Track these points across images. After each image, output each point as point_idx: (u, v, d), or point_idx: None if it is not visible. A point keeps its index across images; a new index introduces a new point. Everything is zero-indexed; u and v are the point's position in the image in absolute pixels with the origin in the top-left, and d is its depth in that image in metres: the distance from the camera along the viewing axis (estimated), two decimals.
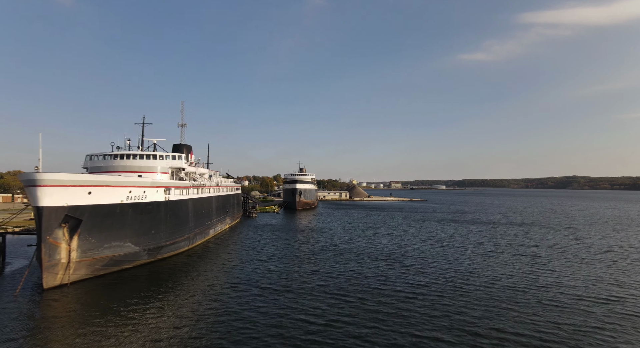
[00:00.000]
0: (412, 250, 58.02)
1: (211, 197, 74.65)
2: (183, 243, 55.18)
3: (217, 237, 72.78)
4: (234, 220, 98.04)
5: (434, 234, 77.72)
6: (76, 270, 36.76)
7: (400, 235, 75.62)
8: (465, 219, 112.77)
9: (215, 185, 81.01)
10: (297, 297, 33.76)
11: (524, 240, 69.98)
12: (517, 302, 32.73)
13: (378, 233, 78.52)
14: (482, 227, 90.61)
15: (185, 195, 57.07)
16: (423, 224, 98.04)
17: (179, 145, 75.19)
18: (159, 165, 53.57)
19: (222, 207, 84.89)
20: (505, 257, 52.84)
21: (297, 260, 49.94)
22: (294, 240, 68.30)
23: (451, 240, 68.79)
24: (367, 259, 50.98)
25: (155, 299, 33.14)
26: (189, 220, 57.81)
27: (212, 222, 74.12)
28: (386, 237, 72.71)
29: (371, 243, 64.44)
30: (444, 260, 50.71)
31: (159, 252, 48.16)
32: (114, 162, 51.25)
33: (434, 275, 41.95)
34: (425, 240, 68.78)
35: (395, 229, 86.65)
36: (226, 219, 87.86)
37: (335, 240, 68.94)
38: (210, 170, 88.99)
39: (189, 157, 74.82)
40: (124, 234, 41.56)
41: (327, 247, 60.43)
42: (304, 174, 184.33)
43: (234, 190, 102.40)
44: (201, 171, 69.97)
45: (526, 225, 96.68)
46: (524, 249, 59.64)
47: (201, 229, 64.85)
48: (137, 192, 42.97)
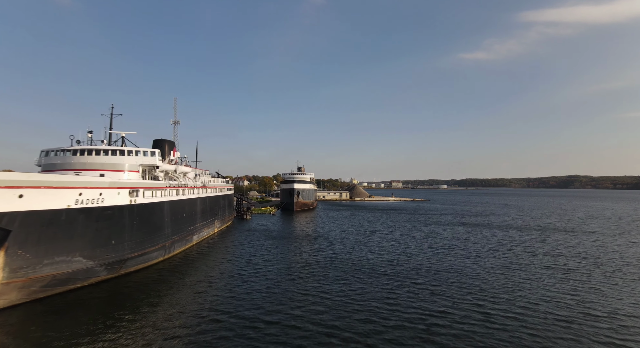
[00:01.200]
0: (421, 262, 50.15)
1: (195, 198, 66.85)
2: (156, 253, 47.37)
3: (202, 244, 64.96)
4: (224, 224, 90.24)
5: (443, 240, 69.84)
6: (3, 295, 28.95)
7: (406, 242, 67.75)
8: (474, 222, 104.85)
9: (202, 186, 73.19)
10: (281, 334, 25.91)
11: (546, 247, 62.06)
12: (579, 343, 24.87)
13: (381, 240, 70.66)
14: (494, 232, 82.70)
15: (160, 197, 49.25)
16: (429, 228, 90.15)
17: (159, 140, 67.25)
18: (126, 163, 45.70)
19: (210, 209, 77.09)
20: (533, 271, 44.95)
21: (287, 277, 42.05)
22: (287, 250, 60.43)
23: (464, 248, 60.90)
24: (370, 274, 43.07)
25: (107, 329, 25.47)
26: (164, 226, 50.00)
27: (197, 226, 66.33)
28: (391, 245, 64.83)
29: (374, 253, 56.56)
30: (461, 275, 42.82)
31: (123, 265, 40.34)
32: (72, 158, 43.37)
33: (454, 298, 34.05)
34: (435, 248, 60.90)
35: (400, 234, 78.78)
36: (214, 223, 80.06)
37: (334, 248, 61.08)
38: (198, 169, 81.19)
39: (171, 154, 67.18)
40: (72, 247, 33.73)
41: (324, 258, 52.57)
42: (302, 173, 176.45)
43: (224, 190, 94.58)
44: (183, 170, 62.15)
45: (542, 229, 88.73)
46: (551, 260, 51.74)
47: (182, 236, 57.06)
48: (90, 195, 35.11)
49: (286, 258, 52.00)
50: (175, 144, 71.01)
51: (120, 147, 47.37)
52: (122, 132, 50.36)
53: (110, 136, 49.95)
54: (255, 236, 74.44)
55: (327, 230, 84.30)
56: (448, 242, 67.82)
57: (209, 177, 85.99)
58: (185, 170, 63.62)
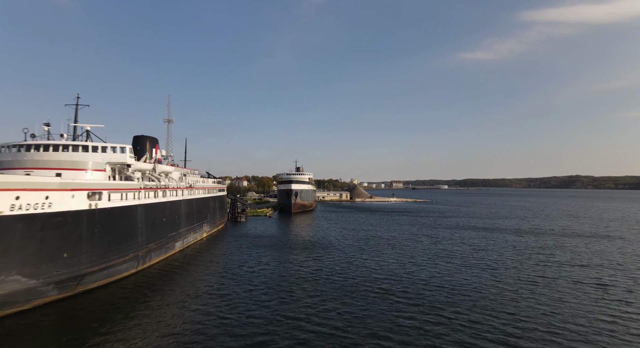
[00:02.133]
0: (431, 275, 43.74)
1: (179, 201, 60.52)
2: (126, 265, 41.02)
3: (186, 252, 58.61)
4: (214, 228, 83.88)
5: (452, 247, 63.42)
6: None
7: (411, 250, 61.33)
8: (482, 225, 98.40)
9: (188, 187, 66.86)
10: None
11: (568, 256, 55.65)
12: None
13: (384, 247, 64.28)
14: (506, 237, 76.27)
15: (131, 200, 42.91)
16: (435, 232, 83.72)
17: (140, 137, 60.99)
18: (90, 160, 39.34)
19: (198, 212, 70.75)
20: (563, 288, 38.51)
21: (276, 295, 35.68)
22: (279, 260, 54.07)
23: (477, 257, 54.49)
24: (373, 293, 36.66)
25: None
26: (137, 234, 43.66)
27: (181, 232, 60.00)
28: (395, 253, 58.44)
29: (378, 264, 50.15)
30: (481, 293, 36.41)
31: (80, 282, 33.99)
32: (24, 155, 36.98)
33: (480, 327, 27.64)
34: (444, 257, 54.50)
35: (404, 240, 72.38)
36: (203, 227, 73.72)
37: (333, 257, 54.71)
38: (185, 169, 74.88)
39: (153, 152, 60.93)
40: (6, 263, 27.38)
41: (320, 271, 46.20)
42: (300, 173, 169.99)
43: (215, 191, 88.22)
44: (164, 169, 55.86)
45: (557, 233, 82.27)
46: (580, 272, 45.34)
47: (161, 243, 50.73)
48: (31, 198, 28.75)
49: (277, 272, 45.59)
50: (159, 141, 64.75)
51: (84, 142, 40.97)
52: (87, 125, 43.87)
53: (74, 130, 43.54)
54: (246, 242, 68.06)
55: (326, 235, 77.92)
56: (458, 249, 61.39)
57: (198, 177, 79.69)
58: (167, 169, 57.30)
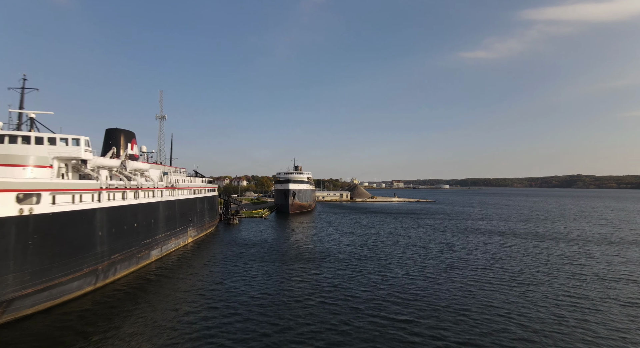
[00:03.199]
0: (447, 294, 36.33)
1: (156, 202, 53.14)
2: (79, 282, 33.63)
3: (165, 261, 51.25)
4: (202, 232, 76.51)
5: (467, 255, 56.01)
6: None
7: (421, 259, 53.93)
8: (494, 228, 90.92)
9: (169, 186, 59.50)
10: None
11: (602, 268, 48.17)
12: None
13: (389, 255, 56.92)
14: (524, 243, 68.84)
15: (87, 204, 35.50)
16: (444, 237, 76.29)
17: (113, 130, 53.72)
18: (31, 154, 32.02)
19: (181, 215, 63.39)
20: (615, 314, 31.09)
21: (257, 328, 28.25)
22: (268, 273, 46.71)
23: (499, 269, 47.09)
24: (381, 321, 29.22)
25: None
26: (95, 243, 36.26)
27: (158, 238, 52.65)
28: (403, 264, 51.05)
29: (385, 278, 42.72)
30: (513, 321, 28.96)
31: (6, 309, 26.60)
32: None
33: None
34: (461, 269, 47.11)
35: (410, 246, 64.98)
36: (188, 232, 66.35)
37: (332, 269, 47.35)
38: (167, 167, 67.46)
39: (128, 147, 53.64)
40: None
41: (316, 289, 38.84)
42: (299, 173, 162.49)
43: (203, 192, 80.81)
44: (136, 166, 48.55)
45: (578, 238, 74.79)
46: (627, 290, 37.90)
47: (130, 253, 43.36)
48: None
49: (264, 289, 38.18)
50: (135, 135, 57.37)
51: (25, 132, 33.53)
52: (32, 112, 36.26)
53: (19, 118, 35.99)
54: (234, 250, 60.64)
55: (324, 241, 70.50)
56: (474, 258, 53.97)
57: (183, 176, 72.28)
58: (141, 166, 49.94)
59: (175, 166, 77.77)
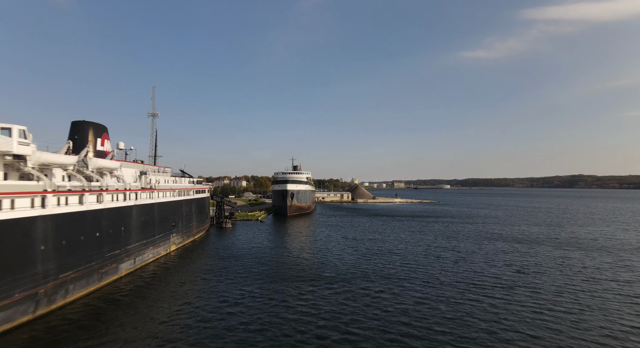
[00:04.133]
0: (475, 319, 28.86)
1: (129, 206, 45.76)
2: (8, 312, 26.22)
3: (137, 276, 43.91)
4: (189, 238, 69.13)
5: (488, 268, 48.62)
6: None
7: (435, 273, 46.50)
8: (509, 233, 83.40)
9: (146, 188, 52.15)
10: None
11: None
12: None
13: (399, 268, 49.56)
14: (549, 252, 61.37)
15: (23, 211, 28.11)
16: (457, 245, 68.83)
17: (80, 123, 46.35)
18: None
19: (162, 220, 56.03)
20: None
21: None
22: (255, 295, 39.34)
23: (531, 288, 39.66)
24: None
25: None
26: (35, 260, 28.87)
27: (131, 248, 45.30)
28: (416, 279, 43.62)
29: (395, 299, 35.31)
30: None
31: None
32: None
33: None
34: (485, 288, 39.68)
35: (421, 256, 57.58)
36: (170, 239, 58.97)
37: (332, 288, 39.93)
38: (147, 165, 60.02)
39: (98, 143, 46.43)
40: None
41: (312, 318, 31.40)
42: (297, 172, 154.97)
43: (191, 193, 73.40)
44: (101, 164, 41.19)
45: (608, 247, 67.26)
46: None
47: (89, 268, 35.99)
48: None
49: (246, 320, 30.77)
50: (108, 130, 50.02)
51: None
52: None
53: None
54: (219, 263, 53.26)
55: (324, 249, 63.07)
56: (496, 272, 46.52)
57: (167, 176, 64.82)
58: (106, 165, 42.51)
59: (160, 165, 70.47)
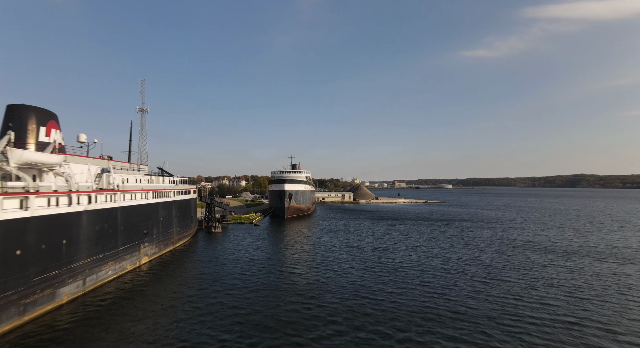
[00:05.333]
0: None
1: (74, 213, 36.01)
2: None
3: (88, 299, 34.24)
4: (167, 247, 59.39)
5: (527, 289, 38.86)
6: None
7: (465, 297, 36.65)
8: (535, 240, 73.57)
9: (105, 189, 42.39)
10: None
11: None
12: None
13: (417, 285, 39.67)
14: (598, 267, 51.61)
15: None
16: (479, 255, 59.11)
17: (17, 106, 36.64)
18: None
19: (128, 228, 46.32)
20: None
21: None
22: (232, 332, 29.60)
23: (594, 321, 29.87)
24: None
25: None
26: None
27: (77, 266, 35.59)
28: (442, 307, 33.77)
29: (420, 344, 25.53)
30: None
31: None
32: None
33: None
34: (537, 322, 29.88)
35: (441, 273, 47.81)
36: (140, 250, 49.25)
37: (335, 324, 30.15)
38: (110, 160, 50.19)
39: (40, 133, 36.80)
40: None
41: None
42: (296, 171, 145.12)
43: (172, 195, 63.57)
44: (33, 158, 31.54)
45: None
46: None
47: (5, 299, 26.27)
48: None
49: None
50: (57, 117, 40.26)
51: None
52: None
53: None
54: (197, 280, 43.52)
55: (324, 261, 53.31)
56: (540, 294, 36.71)
57: (140, 174, 54.96)
58: (40, 159, 32.77)
59: (134, 162, 60.69)
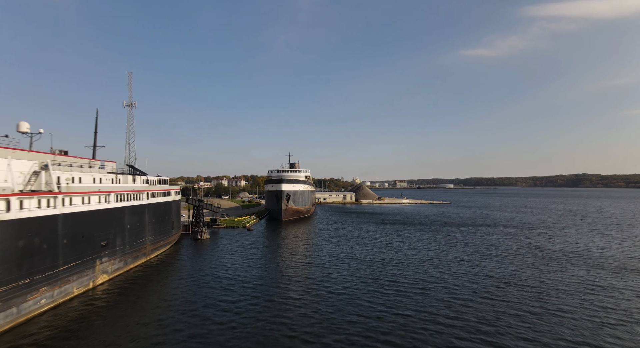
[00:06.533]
0: None
1: None
2: None
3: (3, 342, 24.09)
4: (137, 260, 49.26)
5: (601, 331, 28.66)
6: None
7: (511, 326, 26.39)
8: (574, 250, 63.52)
9: (36, 192, 32.24)
10: None
11: None
12: None
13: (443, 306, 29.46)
14: None
15: None
16: (513, 272, 49.12)
17: None
18: None
19: (75, 241, 36.17)
20: None
21: None
22: None
23: None
24: None
25: None
26: None
27: None
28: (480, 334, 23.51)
29: None
30: None
31: None
32: None
33: None
34: None
35: (471, 293, 37.56)
36: (95, 267, 39.08)
37: None
38: (58, 155, 39.95)
39: None
40: None
41: None
42: (295, 171, 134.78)
43: (144, 197, 53.33)
44: None
45: None
46: None
47: None
48: None
49: None
50: None
51: None
52: None
53: None
54: (165, 310, 33.33)
55: (324, 278, 43.07)
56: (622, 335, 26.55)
57: (99, 173, 44.61)
58: None
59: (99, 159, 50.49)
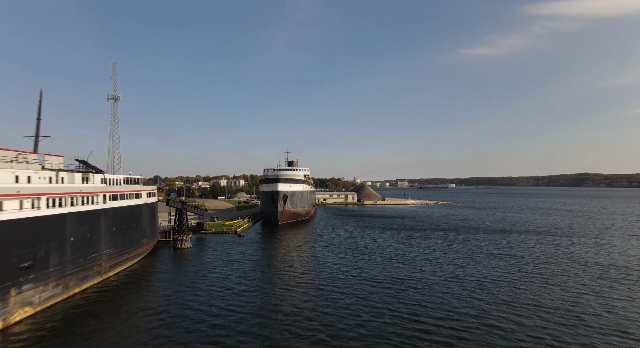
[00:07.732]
0: None
1: None
2: None
3: None
4: (88, 280, 38.95)
5: None
6: None
7: None
8: (617, 263, 53.20)
9: None
10: None
11: None
12: None
13: None
14: None
15: None
16: (564, 296, 38.86)
17: None
18: None
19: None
20: None
21: None
22: None
23: None
24: None
25: None
26: None
27: None
28: None
29: None
30: None
31: None
32: None
33: None
34: None
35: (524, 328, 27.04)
36: (10, 298, 28.60)
37: None
38: None
39: None
40: None
41: None
42: (293, 169, 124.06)
43: (99, 199, 42.76)
44: None
45: None
46: None
47: None
48: None
49: None
50: None
51: None
52: None
53: None
54: None
55: (326, 310, 32.53)
56: None
57: (30, 171, 33.95)
58: None
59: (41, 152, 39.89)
